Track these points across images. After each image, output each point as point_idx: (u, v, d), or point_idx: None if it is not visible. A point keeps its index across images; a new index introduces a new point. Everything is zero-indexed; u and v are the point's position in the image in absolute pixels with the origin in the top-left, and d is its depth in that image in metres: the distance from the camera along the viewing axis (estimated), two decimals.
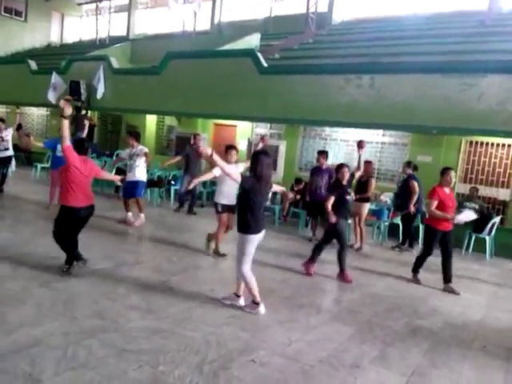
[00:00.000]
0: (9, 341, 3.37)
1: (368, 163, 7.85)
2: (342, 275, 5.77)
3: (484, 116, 7.74)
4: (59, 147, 8.62)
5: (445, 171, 5.79)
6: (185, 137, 11.91)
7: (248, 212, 4.24)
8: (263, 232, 4.38)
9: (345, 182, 5.91)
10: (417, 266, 6.09)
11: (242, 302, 4.51)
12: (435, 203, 5.63)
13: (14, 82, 15.76)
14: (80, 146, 4.98)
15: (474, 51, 9.62)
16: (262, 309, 4.39)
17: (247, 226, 4.25)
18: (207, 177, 6.02)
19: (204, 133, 12.14)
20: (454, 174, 5.78)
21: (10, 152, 9.61)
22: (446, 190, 5.75)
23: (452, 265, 5.87)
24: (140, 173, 7.82)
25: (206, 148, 4.03)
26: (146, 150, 7.85)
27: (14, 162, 10.27)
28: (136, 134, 8.06)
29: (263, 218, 4.41)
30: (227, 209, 6.16)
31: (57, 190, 7.43)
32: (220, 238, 6.37)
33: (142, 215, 7.85)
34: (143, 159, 7.72)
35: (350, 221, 8.19)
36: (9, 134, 9.49)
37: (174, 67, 11.80)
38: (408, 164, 8.12)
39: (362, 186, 7.74)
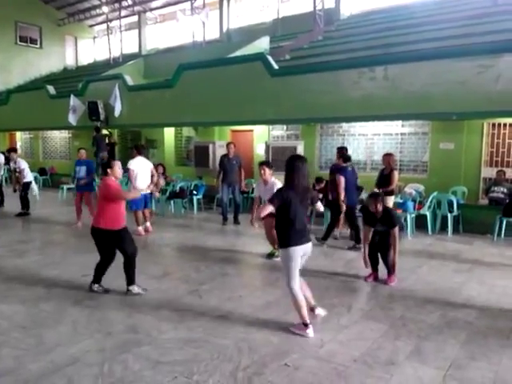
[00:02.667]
0: (46, 361, 3.47)
1: (388, 155, 7.73)
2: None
3: (503, 97, 7.54)
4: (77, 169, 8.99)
5: None
6: (203, 146, 12.02)
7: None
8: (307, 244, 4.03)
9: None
10: None
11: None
12: None
13: (34, 108, 16.26)
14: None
15: (489, 32, 9.40)
16: (310, 331, 3.92)
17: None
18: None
19: (222, 140, 12.22)
20: None
21: (27, 179, 9.99)
22: None
23: None
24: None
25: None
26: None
27: (35, 187, 10.54)
28: (138, 148, 8.23)
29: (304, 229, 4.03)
30: None
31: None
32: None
33: (148, 223, 8.30)
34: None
35: None
36: (19, 166, 9.88)
37: (186, 79, 11.94)
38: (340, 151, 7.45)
39: (385, 179, 7.62)
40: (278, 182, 5.98)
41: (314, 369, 3.39)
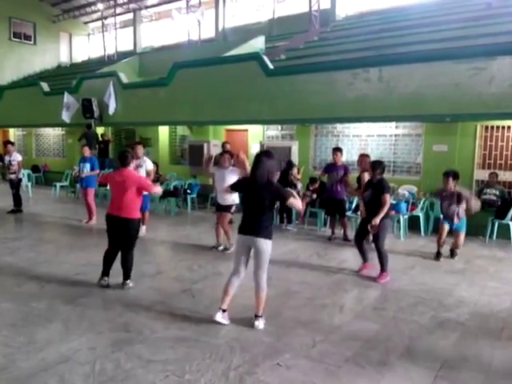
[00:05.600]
0: (37, 359, 3.45)
1: (363, 156, 7.48)
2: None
3: (497, 99, 7.60)
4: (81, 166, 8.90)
5: None
6: (198, 145, 12.00)
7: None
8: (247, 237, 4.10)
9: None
10: None
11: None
12: None
13: (27, 104, 16.12)
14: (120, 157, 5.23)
15: (483, 34, 9.46)
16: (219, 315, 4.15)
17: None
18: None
19: (216, 139, 12.21)
20: None
21: (20, 175, 9.84)
22: None
23: None
24: None
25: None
26: (151, 167, 7.70)
27: (23, 183, 10.44)
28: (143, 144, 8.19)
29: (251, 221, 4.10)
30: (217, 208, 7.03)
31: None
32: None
33: (144, 227, 7.78)
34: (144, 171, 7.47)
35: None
36: (15, 159, 9.73)
37: (181, 77, 11.91)
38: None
39: (358, 182, 7.36)
40: (236, 170, 6.56)
41: (306, 368, 3.40)
